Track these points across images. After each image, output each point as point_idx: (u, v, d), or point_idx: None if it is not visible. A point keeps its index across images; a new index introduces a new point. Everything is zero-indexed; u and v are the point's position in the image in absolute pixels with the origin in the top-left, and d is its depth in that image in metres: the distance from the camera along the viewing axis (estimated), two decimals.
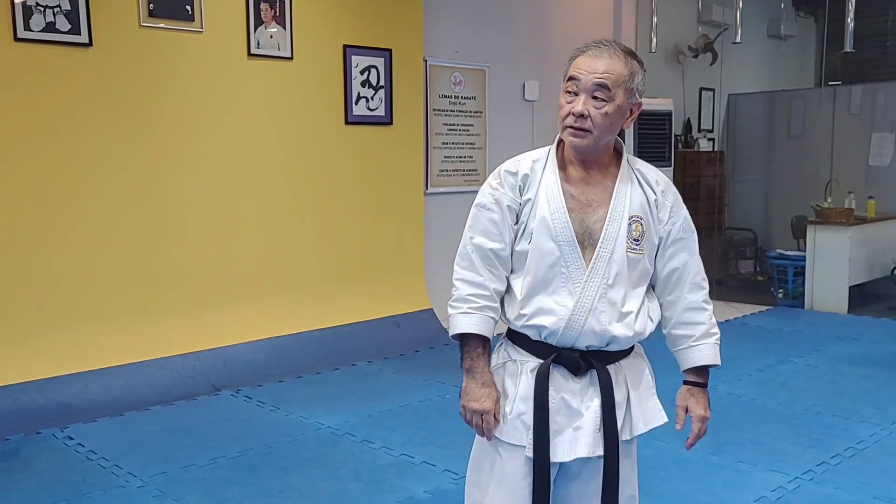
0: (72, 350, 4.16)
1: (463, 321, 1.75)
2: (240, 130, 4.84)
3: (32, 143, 4.06)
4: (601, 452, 1.74)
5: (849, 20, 6.49)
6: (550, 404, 1.72)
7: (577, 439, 1.73)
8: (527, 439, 1.73)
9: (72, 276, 4.21)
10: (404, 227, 5.75)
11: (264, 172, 4.98)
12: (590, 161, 1.76)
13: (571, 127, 1.69)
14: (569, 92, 1.70)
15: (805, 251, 6.84)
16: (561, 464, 1.76)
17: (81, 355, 4.19)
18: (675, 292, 1.83)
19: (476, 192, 1.84)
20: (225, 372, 4.63)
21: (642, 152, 6.99)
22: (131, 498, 3.13)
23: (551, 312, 1.70)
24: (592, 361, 1.73)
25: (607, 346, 1.74)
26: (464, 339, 1.76)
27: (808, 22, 9.67)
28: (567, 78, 1.71)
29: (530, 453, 1.73)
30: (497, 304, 1.77)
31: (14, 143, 4.00)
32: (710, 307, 1.86)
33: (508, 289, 1.78)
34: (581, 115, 1.67)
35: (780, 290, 7.07)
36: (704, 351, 1.84)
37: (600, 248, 1.71)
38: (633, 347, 1.83)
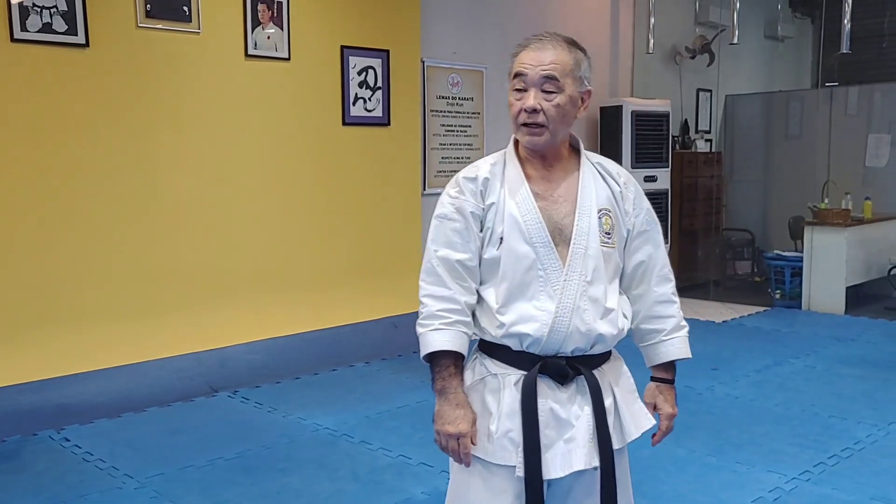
0: (69, 351, 4.15)
1: (434, 339, 1.63)
2: (237, 131, 4.83)
3: (29, 143, 4.05)
4: (597, 463, 1.65)
5: (845, 21, 6.51)
6: (539, 418, 1.62)
7: (570, 452, 1.64)
8: (516, 458, 1.62)
9: (69, 277, 4.20)
10: (402, 227, 5.75)
11: (261, 173, 4.97)
12: (549, 157, 1.71)
13: (525, 124, 1.65)
14: (517, 90, 1.65)
15: (802, 252, 6.85)
16: (549, 481, 1.65)
17: (78, 356, 4.18)
18: (641, 286, 1.77)
19: None
20: (223, 373, 4.62)
21: (640, 153, 7.00)
22: (128, 499, 3.13)
23: (533, 319, 1.62)
24: (579, 367, 1.66)
25: (592, 348, 1.67)
26: (434, 358, 1.64)
27: (804, 23, 9.69)
28: (513, 75, 1.66)
29: (521, 472, 1.61)
30: (469, 319, 1.68)
31: (10, 144, 3.99)
32: (678, 300, 1.81)
33: (480, 300, 1.69)
34: (534, 110, 1.63)
35: (778, 291, 7.07)
36: (676, 345, 1.78)
37: (574, 244, 1.65)
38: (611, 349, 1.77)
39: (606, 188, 1.72)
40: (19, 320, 4.04)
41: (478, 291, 1.69)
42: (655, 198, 7.13)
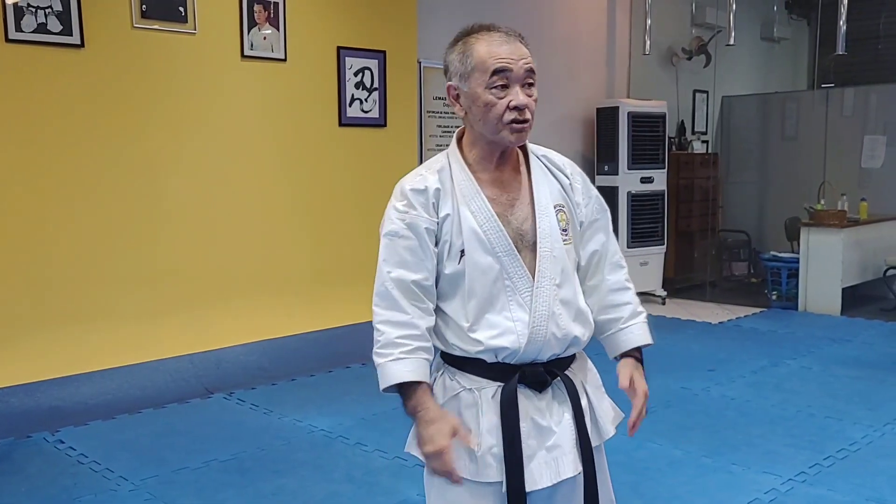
0: (63, 352, 4.14)
1: (396, 370, 1.52)
2: (233, 132, 4.82)
3: (23, 144, 4.03)
4: (580, 469, 1.60)
5: (841, 23, 6.52)
6: (521, 429, 1.56)
7: (556, 460, 1.58)
8: (501, 474, 1.55)
9: (64, 278, 4.19)
10: None
11: (258, 174, 4.96)
12: (504, 157, 1.63)
13: (515, 122, 1.54)
14: (499, 86, 1.53)
15: (798, 253, 6.86)
16: (535, 493, 1.58)
17: (72, 358, 4.16)
18: (596, 276, 1.71)
19: None
20: (218, 374, 4.61)
21: (636, 154, 7.00)
22: (122, 501, 3.12)
23: (508, 331, 1.54)
24: (556, 372, 1.60)
25: (566, 350, 1.61)
26: (401, 387, 1.54)
27: (801, 24, 9.70)
28: (493, 71, 1.53)
29: (492, 479, 1.56)
30: (430, 344, 1.57)
31: (5, 145, 3.98)
32: (632, 286, 1.76)
33: (443, 315, 1.60)
34: (524, 107, 1.54)
35: (774, 292, 7.08)
36: (636, 331, 1.71)
37: (540, 248, 1.57)
38: None
39: (556, 182, 1.66)
40: (13, 322, 4.03)
41: (438, 308, 1.60)
42: (651, 199, 7.14)
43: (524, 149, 1.68)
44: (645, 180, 7.08)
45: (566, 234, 1.62)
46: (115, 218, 4.36)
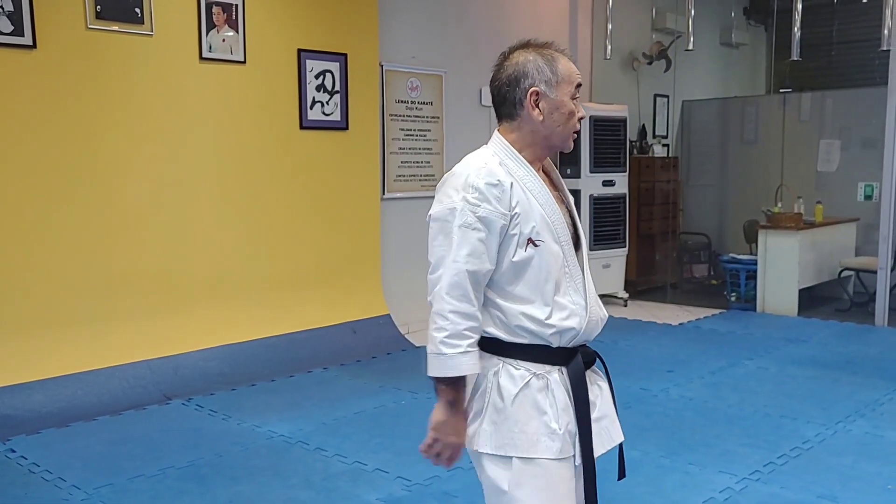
0: (14, 360, 4.05)
1: (463, 362, 1.61)
2: (191, 135, 4.77)
3: None
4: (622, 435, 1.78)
5: (795, 29, 6.65)
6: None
7: (605, 429, 1.74)
8: (574, 448, 1.68)
9: (14, 284, 4.10)
10: (361, 232, 5.72)
11: (217, 177, 4.91)
12: (541, 162, 1.79)
13: (576, 131, 1.75)
14: (576, 98, 1.73)
15: (757, 255, 6.98)
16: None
17: (24, 365, 4.08)
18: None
19: (433, 197, 1.73)
20: (176, 380, 4.55)
21: (598, 158, 7.07)
22: None
23: (573, 314, 1.68)
24: (596, 351, 1.78)
25: (600, 332, 1.79)
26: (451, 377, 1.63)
27: (758, 30, 9.88)
28: (576, 85, 1.73)
29: (580, 460, 1.68)
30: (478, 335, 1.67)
31: None
32: None
33: (509, 304, 1.66)
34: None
35: (733, 294, 7.19)
36: None
37: (583, 241, 1.78)
38: None
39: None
40: None
41: (502, 295, 1.67)
42: (613, 202, 7.21)
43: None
44: (607, 183, 7.15)
45: None
46: (68, 222, 4.28)
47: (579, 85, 1.73)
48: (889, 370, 4.99)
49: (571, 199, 1.82)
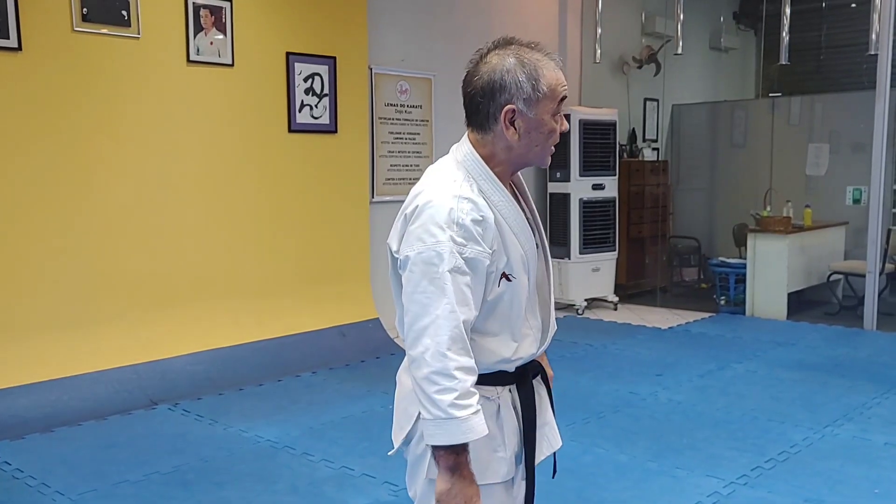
0: None
1: (479, 423, 1.46)
2: (178, 138, 4.74)
3: None
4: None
5: (784, 34, 6.68)
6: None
7: (545, 436, 1.71)
8: (516, 469, 1.64)
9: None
10: (350, 236, 5.71)
11: (204, 180, 4.89)
12: (512, 176, 1.67)
13: (553, 147, 1.60)
14: (557, 114, 1.56)
15: (746, 259, 6.99)
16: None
17: (9, 370, 4.04)
18: None
19: None
20: (163, 385, 4.52)
21: (587, 162, 7.07)
22: None
23: (531, 339, 1.62)
24: (540, 363, 1.74)
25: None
26: None
27: (748, 35, 9.92)
28: (560, 99, 1.55)
29: (513, 474, 1.63)
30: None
31: None
32: None
33: (481, 339, 1.56)
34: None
35: (723, 298, 7.20)
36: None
37: (542, 250, 1.67)
38: None
39: None
40: None
41: (476, 331, 1.56)
42: (603, 206, 7.22)
43: None
44: (596, 187, 7.15)
45: None
46: (53, 226, 4.25)
47: (563, 99, 1.56)
48: (877, 374, 5.00)
49: (534, 209, 1.69)
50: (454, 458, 1.46)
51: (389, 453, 1.72)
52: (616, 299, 7.36)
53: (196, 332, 4.81)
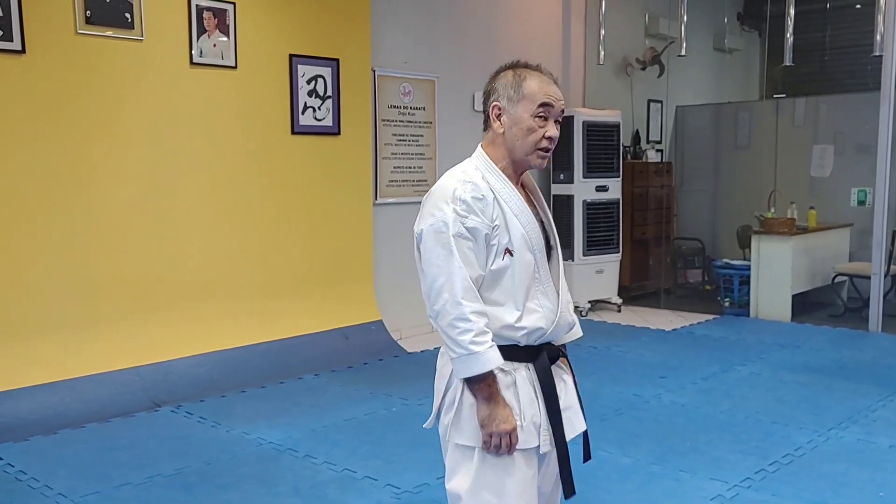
0: (1, 367, 4.02)
1: (494, 356, 1.74)
2: (182, 140, 4.75)
3: None
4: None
5: (788, 35, 6.67)
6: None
7: (569, 419, 1.88)
8: (538, 438, 1.82)
9: (2, 288, 4.07)
10: (353, 237, 5.70)
11: (207, 182, 4.89)
12: (518, 175, 1.91)
13: (545, 150, 1.84)
14: (541, 117, 1.82)
15: (750, 260, 6.97)
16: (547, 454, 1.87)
17: (12, 372, 4.05)
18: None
19: None
20: (166, 387, 4.52)
21: (591, 163, 7.06)
22: None
23: (542, 316, 1.83)
24: (562, 349, 1.95)
25: (567, 334, 1.95)
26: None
27: (752, 36, 9.90)
28: (540, 104, 1.81)
29: (545, 447, 1.82)
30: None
31: None
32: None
33: (488, 304, 1.80)
34: (555, 140, 1.84)
35: (727, 299, 7.18)
36: (577, 332, 2.04)
37: (556, 250, 1.92)
38: None
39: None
40: None
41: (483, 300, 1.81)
42: (607, 207, 7.21)
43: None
44: (600, 189, 7.14)
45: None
46: (57, 228, 4.26)
47: (545, 104, 1.80)
48: (882, 376, 4.98)
49: (548, 212, 1.96)
50: (487, 389, 1.75)
51: (425, 425, 1.96)
52: (620, 301, 7.35)
53: (198, 334, 4.80)
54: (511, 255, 1.80)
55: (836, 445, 3.76)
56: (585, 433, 1.99)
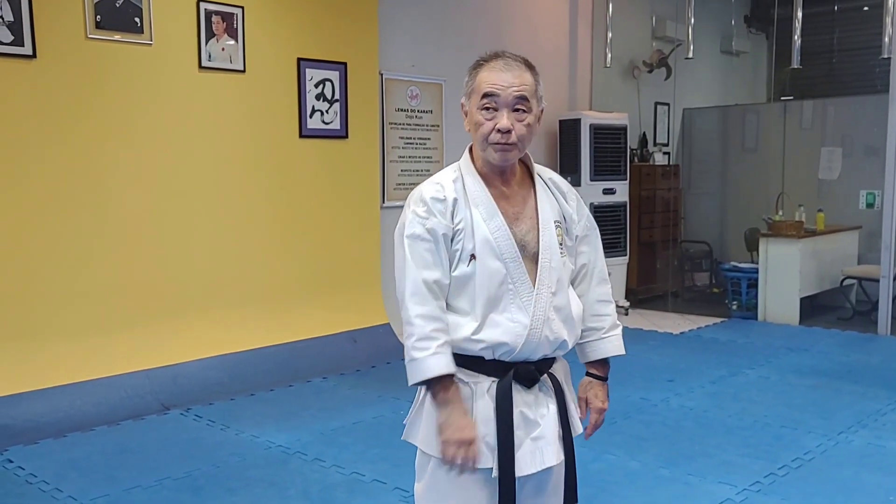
0: (12, 370, 4.04)
1: (436, 364, 1.64)
2: (191, 143, 4.77)
3: None
4: (563, 457, 1.77)
5: (796, 37, 6.65)
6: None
7: (540, 449, 1.73)
8: (493, 461, 1.70)
9: (13, 292, 4.09)
10: (361, 241, 5.72)
11: (216, 186, 4.91)
12: (507, 173, 1.79)
13: (498, 143, 1.71)
14: (487, 108, 1.71)
15: (758, 263, 6.95)
16: (520, 479, 1.73)
17: (22, 375, 4.07)
18: (582, 285, 1.89)
19: None
20: (175, 390, 4.53)
21: (598, 166, 7.06)
22: None
23: (508, 330, 1.70)
24: (543, 370, 1.77)
25: (554, 352, 1.77)
26: (432, 379, 1.67)
27: (759, 38, 9.88)
28: (483, 94, 1.70)
29: (497, 473, 1.70)
30: (450, 337, 1.71)
31: None
32: (613, 301, 1.96)
33: (452, 312, 1.72)
34: (508, 131, 1.69)
35: (735, 302, 7.17)
36: (614, 342, 1.90)
37: (541, 259, 1.74)
38: None
39: (555, 200, 1.83)
40: None
41: (447, 306, 1.73)
42: (614, 210, 7.20)
43: (530, 170, 1.84)
44: (607, 191, 7.14)
45: (562, 248, 1.80)
46: (66, 232, 4.28)
47: (488, 94, 1.69)
48: (892, 380, 4.96)
49: (548, 216, 1.78)
50: (443, 393, 1.66)
51: (403, 437, 1.87)
52: (627, 304, 7.34)
53: (208, 337, 4.82)
54: (474, 258, 1.70)
55: (845, 449, 3.74)
56: (572, 473, 1.82)
